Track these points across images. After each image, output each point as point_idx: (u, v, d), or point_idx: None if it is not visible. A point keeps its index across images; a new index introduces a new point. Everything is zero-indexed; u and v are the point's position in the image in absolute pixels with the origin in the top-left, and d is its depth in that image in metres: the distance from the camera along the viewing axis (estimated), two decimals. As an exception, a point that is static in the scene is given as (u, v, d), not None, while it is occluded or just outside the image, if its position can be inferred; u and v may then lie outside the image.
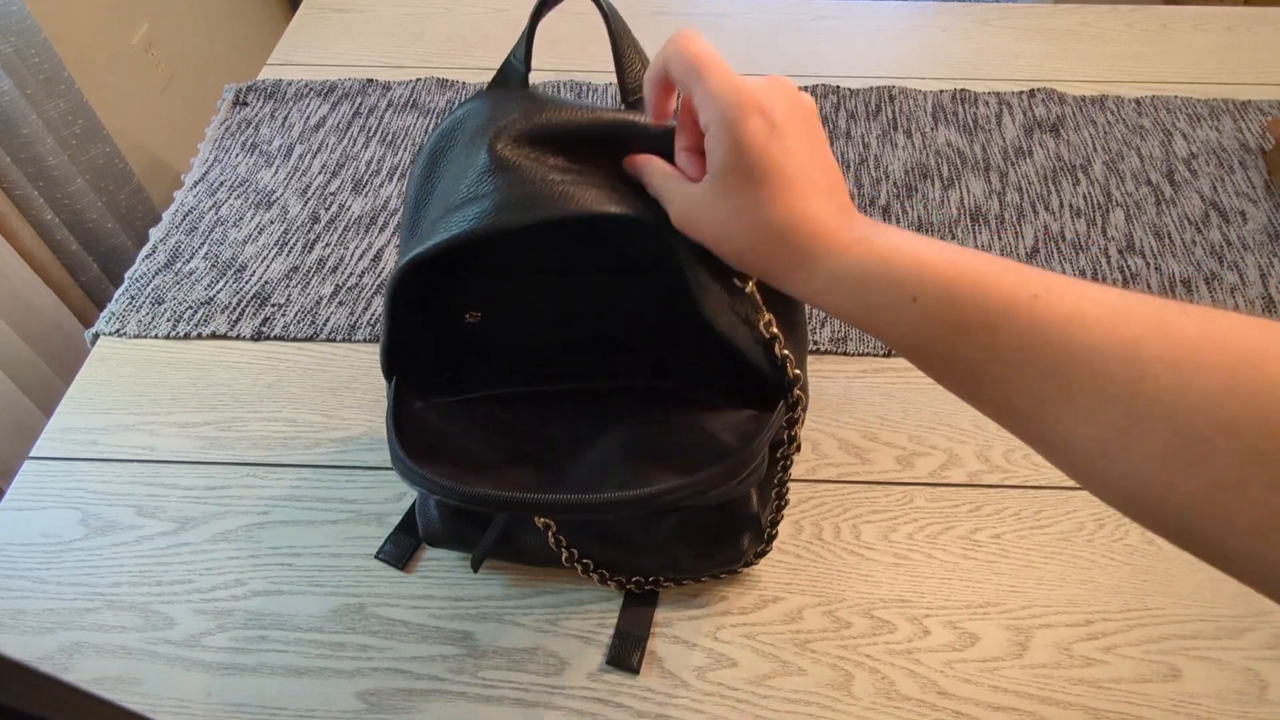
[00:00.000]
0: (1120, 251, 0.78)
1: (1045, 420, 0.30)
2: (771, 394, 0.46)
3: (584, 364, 0.49)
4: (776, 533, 0.55)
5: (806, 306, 0.53)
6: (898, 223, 0.81)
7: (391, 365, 0.48)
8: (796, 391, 0.46)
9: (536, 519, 0.51)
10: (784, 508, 0.54)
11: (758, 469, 0.47)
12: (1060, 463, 0.31)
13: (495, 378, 0.49)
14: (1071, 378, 0.29)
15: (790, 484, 0.63)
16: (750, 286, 0.43)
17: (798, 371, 0.45)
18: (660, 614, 0.57)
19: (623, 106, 0.45)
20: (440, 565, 0.59)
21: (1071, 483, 0.62)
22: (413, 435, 0.44)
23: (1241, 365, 0.25)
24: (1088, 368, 0.28)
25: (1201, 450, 0.26)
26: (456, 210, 0.40)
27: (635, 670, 0.55)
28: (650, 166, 0.40)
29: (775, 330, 0.44)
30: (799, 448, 0.50)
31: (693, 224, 0.38)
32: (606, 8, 0.45)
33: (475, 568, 0.56)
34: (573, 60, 1.01)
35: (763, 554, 0.57)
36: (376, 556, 0.60)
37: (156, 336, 0.74)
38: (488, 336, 0.50)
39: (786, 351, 0.44)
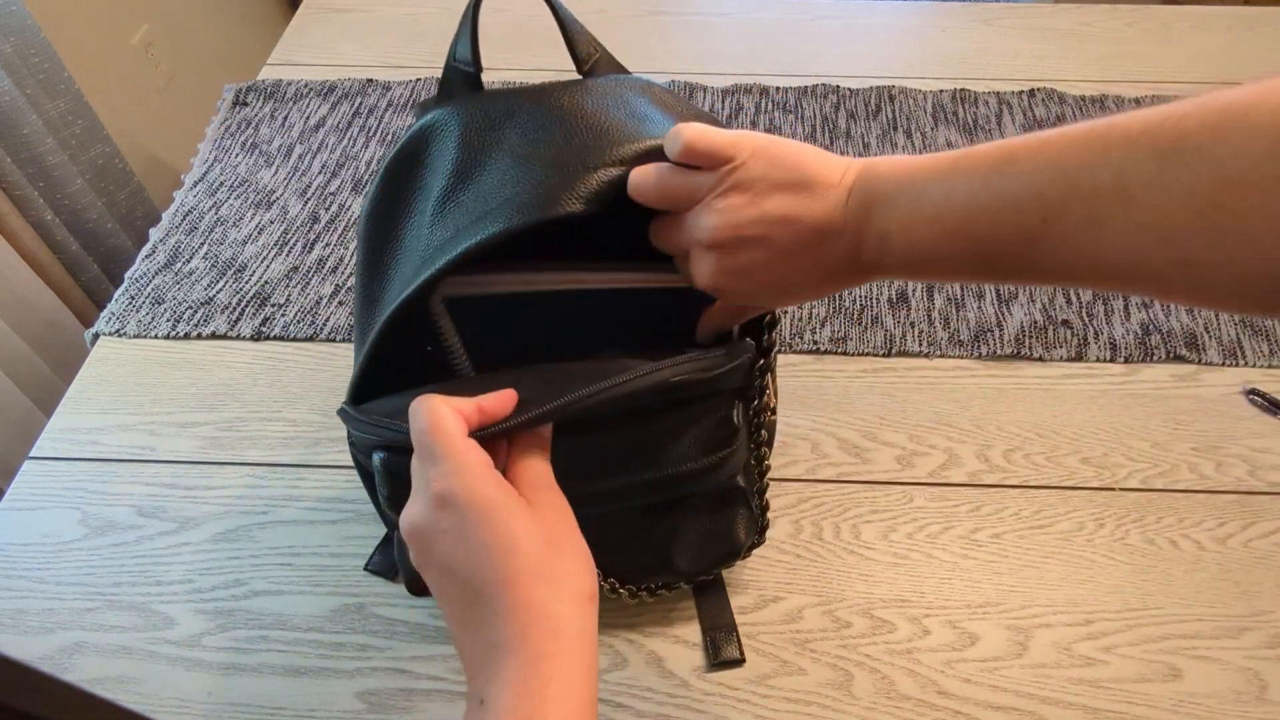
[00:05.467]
0: (1120, 251, 0.78)
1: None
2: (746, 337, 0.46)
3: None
4: (767, 519, 0.55)
5: None
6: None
7: (358, 398, 0.45)
8: (773, 335, 0.45)
9: None
10: (766, 474, 0.53)
11: (737, 451, 0.47)
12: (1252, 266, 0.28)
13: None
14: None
15: (788, 482, 0.63)
16: None
17: (778, 312, 0.45)
18: (659, 613, 0.57)
19: (580, 76, 0.46)
20: (440, 565, 0.59)
21: (1071, 482, 0.63)
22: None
23: None
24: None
25: None
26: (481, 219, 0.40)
27: (741, 659, 0.55)
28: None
29: None
30: (775, 410, 0.49)
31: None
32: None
33: None
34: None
35: (756, 545, 0.55)
36: (366, 568, 0.60)
37: (156, 336, 0.74)
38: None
39: (780, 312, 0.44)
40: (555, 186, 0.40)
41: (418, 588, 0.53)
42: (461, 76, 0.47)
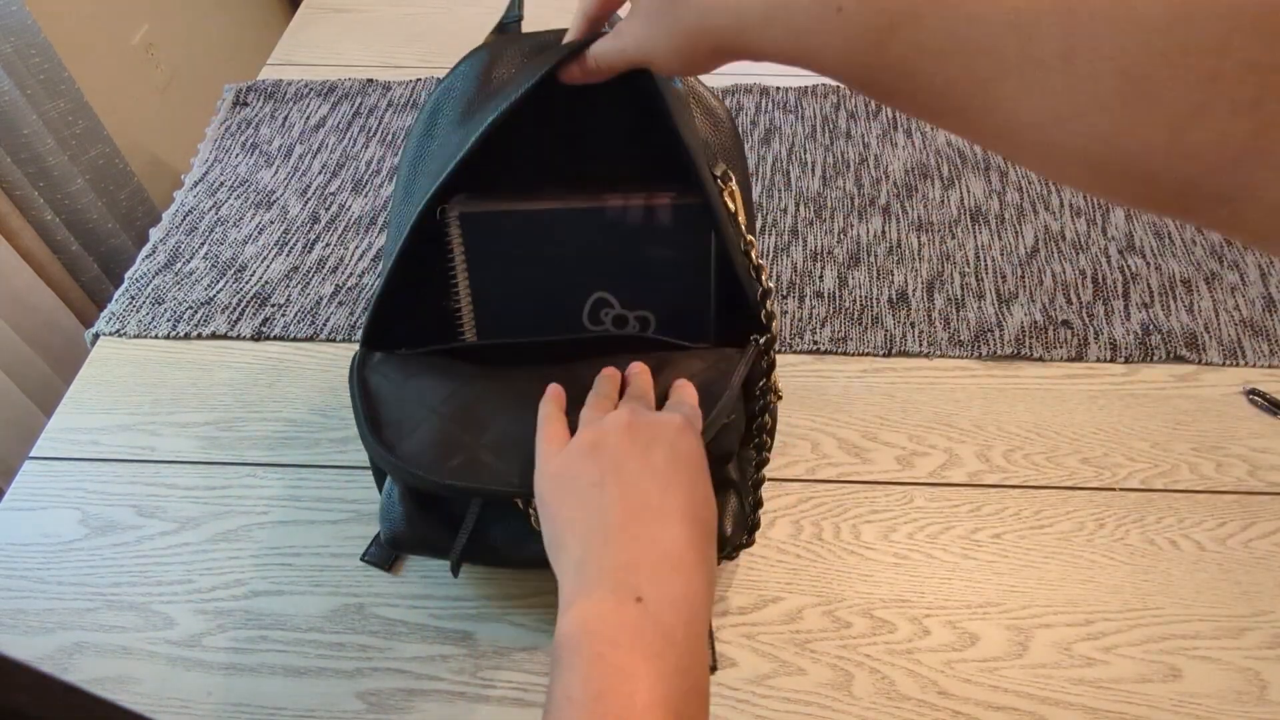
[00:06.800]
0: (1120, 251, 0.78)
1: (989, 107, 0.29)
2: (743, 332, 0.47)
3: (559, 317, 0.51)
4: (759, 518, 0.54)
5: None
6: (897, 223, 0.81)
7: (375, 327, 0.49)
8: (775, 327, 0.47)
9: (516, 501, 0.50)
10: (764, 466, 0.53)
11: (734, 424, 0.47)
12: (1020, 152, 0.30)
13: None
14: (1004, 52, 0.27)
15: (788, 482, 0.63)
16: (737, 205, 0.46)
17: (773, 310, 0.46)
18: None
19: None
20: (438, 565, 0.59)
21: (1071, 482, 0.63)
22: (376, 412, 0.47)
23: None
24: (1016, 35, 0.27)
25: (1151, 86, 0.25)
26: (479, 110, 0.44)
27: (713, 668, 0.55)
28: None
29: (758, 260, 0.45)
30: (780, 395, 0.51)
31: (623, 49, 0.40)
32: None
33: (455, 572, 0.55)
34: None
35: (745, 545, 0.55)
36: (362, 559, 0.60)
37: (156, 336, 0.74)
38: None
39: (771, 284, 0.46)
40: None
41: (401, 544, 0.54)
42: (506, 28, 0.53)
